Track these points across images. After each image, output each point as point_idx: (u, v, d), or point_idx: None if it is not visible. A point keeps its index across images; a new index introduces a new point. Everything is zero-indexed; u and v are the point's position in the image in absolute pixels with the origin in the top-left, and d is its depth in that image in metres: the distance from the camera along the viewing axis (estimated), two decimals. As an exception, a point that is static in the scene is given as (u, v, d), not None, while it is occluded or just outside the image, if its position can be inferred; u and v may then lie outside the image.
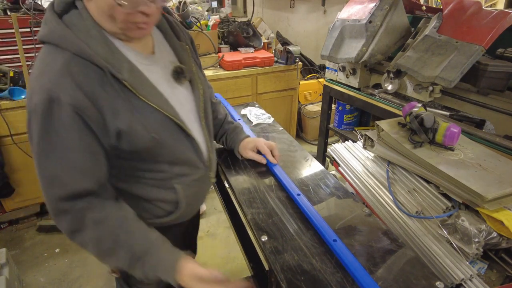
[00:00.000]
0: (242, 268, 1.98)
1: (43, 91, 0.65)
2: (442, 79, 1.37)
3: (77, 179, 0.71)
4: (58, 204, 0.72)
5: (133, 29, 0.72)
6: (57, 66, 0.67)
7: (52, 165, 0.70)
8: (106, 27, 0.72)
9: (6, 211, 2.26)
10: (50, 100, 0.65)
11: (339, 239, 0.81)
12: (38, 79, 0.67)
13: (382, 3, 1.66)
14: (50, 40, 0.70)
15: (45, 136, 0.67)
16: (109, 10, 0.68)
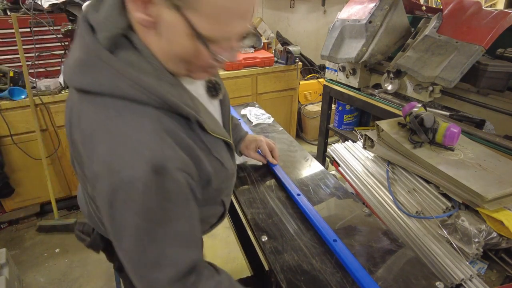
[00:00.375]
0: (242, 268, 1.98)
1: (142, 160, 0.50)
2: (442, 79, 1.37)
3: (188, 253, 0.58)
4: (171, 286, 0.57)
5: (203, 73, 0.62)
6: (147, 126, 0.52)
7: (160, 246, 0.55)
8: (169, 67, 0.58)
9: (6, 211, 2.26)
10: (155, 171, 0.50)
11: (339, 239, 0.81)
12: (123, 145, 0.51)
13: (382, 3, 1.66)
14: (117, 92, 0.52)
15: (150, 215, 0.52)
16: (187, 56, 0.56)
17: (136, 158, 0.50)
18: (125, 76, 0.52)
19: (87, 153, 0.54)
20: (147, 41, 0.56)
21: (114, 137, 0.51)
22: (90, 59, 0.53)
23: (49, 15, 2.05)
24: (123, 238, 0.54)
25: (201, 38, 0.52)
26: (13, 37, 1.92)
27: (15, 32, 1.89)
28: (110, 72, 0.52)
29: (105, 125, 0.52)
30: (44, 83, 2.04)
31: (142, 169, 0.50)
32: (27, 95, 1.98)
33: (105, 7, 0.55)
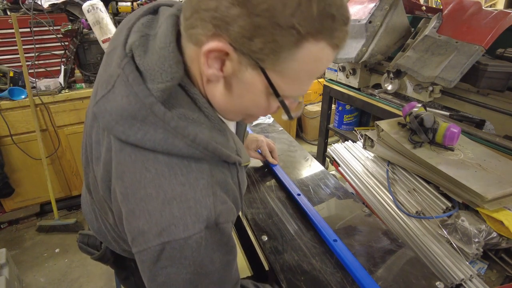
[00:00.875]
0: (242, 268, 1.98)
1: (196, 220, 0.48)
2: (442, 79, 1.37)
3: None
4: None
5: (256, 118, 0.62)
6: (202, 184, 0.50)
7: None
8: (228, 117, 0.58)
9: (6, 211, 2.26)
10: (208, 228, 0.49)
11: (339, 239, 0.81)
12: (175, 203, 0.48)
13: (382, 3, 1.66)
14: (172, 151, 0.49)
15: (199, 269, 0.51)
16: (255, 110, 0.55)
17: (192, 219, 0.48)
18: (182, 134, 0.48)
19: (130, 207, 0.51)
20: (207, 92, 0.53)
21: (167, 195, 0.48)
22: (140, 112, 0.47)
23: (49, 15, 2.05)
24: None
25: (279, 98, 0.50)
26: (13, 37, 1.93)
27: (15, 32, 1.89)
28: (165, 129, 0.47)
29: (156, 182, 0.48)
30: (44, 83, 2.04)
31: (198, 228, 0.48)
32: (27, 95, 1.98)
33: (158, 50, 0.49)
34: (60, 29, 2.06)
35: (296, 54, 0.45)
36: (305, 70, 0.49)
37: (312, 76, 0.51)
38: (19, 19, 1.95)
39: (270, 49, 0.44)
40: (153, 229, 0.48)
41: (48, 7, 2.09)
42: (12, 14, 1.90)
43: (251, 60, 0.46)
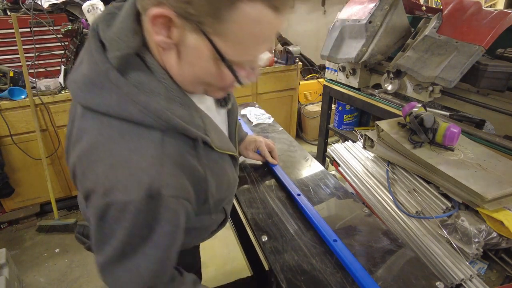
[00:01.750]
0: (242, 268, 1.98)
1: (138, 186, 0.50)
2: (442, 79, 1.37)
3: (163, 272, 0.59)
4: None
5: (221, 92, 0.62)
6: (150, 151, 0.52)
7: (137, 262, 0.55)
8: (186, 88, 0.58)
9: (6, 211, 2.26)
10: (150, 197, 0.50)
11: (339, 239, 0.81)
12: (121, 167, 0.51)
13: (382, 3, 1.66)
14: (124, 116, 0.51)
15: (136, 233, 0.53)
16: (210, 79, 0.56)
17: (133, 183, 0.50)
18: (134, 100, 0.51)
19: (82, 168, 0.54)
20: (164, 62, 0.55)
21: (114, 159, 0.51)
22: (98, 78, 0.52)
23: (49, 15, 2.05)
24: (105, 248, 0.54)
25: (226, 62, 0.51)
26: (13, 37, 1.93)
27: (15, 32, 1.89)
28: (119, 94, 0.51)
29: (107, 146, 0.51)
30: (44, 83, 2.04)
31: (137, 194, 0.50)
32: (27, 95, 1.98)
33: (118, 23, 0.53)
34: (60, 29, 2.06)
35: (233, 16, 0.46)
36: (247, 33, 0.49)
37: (257, 40, 0.51)
38: (19, 19, 1.95)
39: (207, 12, 0.46)
40: (100, 189, 0.51)
41: (48, 7, 2.09)
42: (12, 14, 1.90)
43: (193, 24, 0.48)
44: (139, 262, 0.54)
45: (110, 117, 0.52)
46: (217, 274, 1.96)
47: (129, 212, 0.50)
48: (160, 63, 0.55)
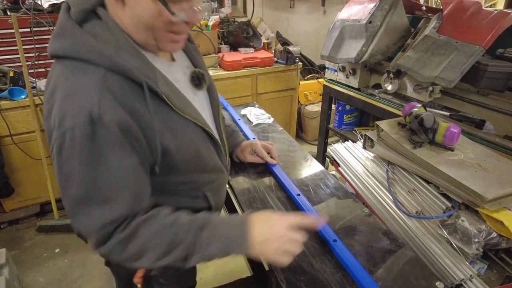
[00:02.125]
0: (242, 268, 1.98)
1: (81, 112, 0.58)
2: (442, 79, 1.37)
3: (129, 201, 0.64)
4: (103, 229, 0.63)
5: (168, 41, 0.67)
6: (92, 83, 0.59)
7: (98, 189, 0.62)
8: (138, 38, 0.66)
9: (6, 211, 2.26)
10: (92, 121, 0.58)
11: (339, 239, 0.81)
12: (69, 100, 0.59)
13: (382, 3, 1.66)
14: (76, 55, 0.61)
15: (90, 161, 0.60)
16: (150, 19, 0.62)
17: (77, 110, 0.58)
18: (85, 42, 0.61)
19: (48, 109, 0.62)
20: (116, 15, 0.65)
21: (65, 93, 0.60)
22: (60, 29, 0.63)
23: (49, 15, 2.05)
24: (68, 186, 0.61)
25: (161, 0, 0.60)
26: (13, 37, 1.92)
27: (15, 32, 1.89)
28: (73, 39, 0.61)
29: (62, 83, 0.61)
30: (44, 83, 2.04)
31: (81, 119, 0.58)
32: (27, 95, 1.98)
33: None
34: (60, 29, 2.05)
35: None
36: None
37: None
38: (19, 19, 1.95)
39: None
40: (56, 123, 0.60)
41: (48, 7, 2.09)
42: (12, 14, 1.90)
43: None
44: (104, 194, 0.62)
45: (67, 58, 0.62)
46: (217, 274, 1.96)
47: (77, 138, 0.58)
48: (115, 18, 0.65)
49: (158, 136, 0.66)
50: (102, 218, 0.63)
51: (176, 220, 0.69)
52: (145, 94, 0.64)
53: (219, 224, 0.70)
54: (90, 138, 0.59)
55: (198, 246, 0.67)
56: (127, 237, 0.65)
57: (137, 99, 0.63)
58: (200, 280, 1.90)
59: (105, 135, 0.59)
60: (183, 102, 0.72)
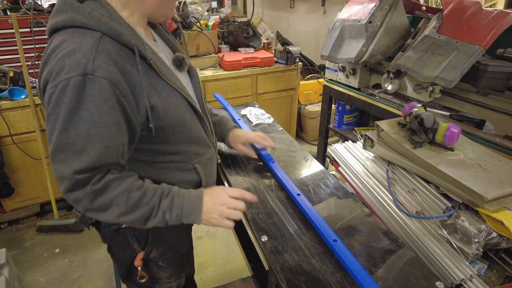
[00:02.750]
0: (242, 268, 1.98)
1: (77, 66, 0.65)
2: (442, 79, 1.37)
3: (102, 153, 0.71)
4: (74, 176, 0.70)
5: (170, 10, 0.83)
6: (89, 43, 0.68)
7: (77, 138, 0.68)
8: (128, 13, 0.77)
9: (6, 211, 2.26)
10: (85, 75, 0.65)
11: (339, 239, 0.81)
12: (67, 56, 0.66)
13: (382, 3, 1.66)
14: (75, 23, 0.69)
15: (75, 110, 0.67)
16: None
17: (74, 65, 0.66)
18: (83, 12, 0.70)
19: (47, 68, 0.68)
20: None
21: (63, 52, 0.67)
22: (59, 7, 0.72)
23: (49, 15, 2.04)
24: (53, 133, 0.68)
25: None
26: (13, 37, 1.92)
27: (15, 32, 1.89)
28: (72, 11, 0.70)
29: (62, 45, 0.68)
30: (44, 83, 2.04)
31: (76, 72, 0.65)
32: (27, 95, 1.98)
33: None
34: (60, 29, 2.05)
35: None
36: None
37: None
38: (19, 19, 1.95)
39: None
40: (51, 76, 0.67)
41: (48, 7, 2.08)
42: (12, 14, 1.90)
43: None
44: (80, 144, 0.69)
45: (66, 27, 0.70)
46: (217, 274, 1.96)
47: (68, 88, 0.65)
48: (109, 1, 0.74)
49: (146, 94, 0.73)
50: (75, 166, 0.69)
51: (144, 185, 0.78)
52: (135, 57, 0.73)
53: (180, 195, 0.81)
54: (80, 89, 0.66)
55: (159, 211, 0.78)
56: (97, 190, 0.72)
57: (128, 61, 0.72)
58: (200, 280, 1.90)
59: (93, 88, 0.67)
60: (169, 72, 0.81)
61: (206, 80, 2.52)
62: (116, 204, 0.75)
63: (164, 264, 1.00)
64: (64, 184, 0.71)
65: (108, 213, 0.75)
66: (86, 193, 0.72)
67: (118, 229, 0.91)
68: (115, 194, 0.74)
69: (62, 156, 0.69)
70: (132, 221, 0.77)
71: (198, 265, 2.01)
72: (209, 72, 2.56)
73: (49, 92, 0.67)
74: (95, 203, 0.73)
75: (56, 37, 0.71)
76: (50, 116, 0.68)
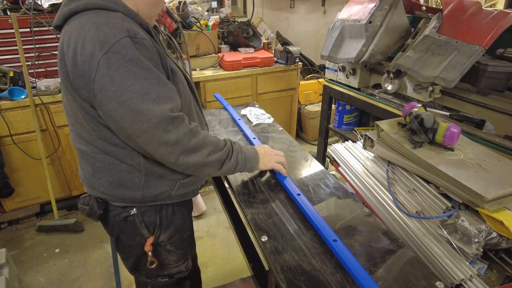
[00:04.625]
0: (242, 268, 1.98)
1: (121, 30, 0.72)
2: (442, 79, 1.37)
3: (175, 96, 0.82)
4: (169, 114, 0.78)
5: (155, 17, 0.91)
6: (118, 17, 0.75)
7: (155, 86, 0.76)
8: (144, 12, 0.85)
9: (6, 211, 2.26)
10: (130, 36, 0.73)
11: (339, 239, 0.81)
12: (105, 27, 0.72)
13: (382, 3, 1.66)
14: (96, 6, 0.75)
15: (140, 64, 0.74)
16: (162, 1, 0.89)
17: (117, 30, 0.72)
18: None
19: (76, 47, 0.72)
20: None
21: (97, 23, 0.72)
22: None
23: (49, 15, 2.05)
24: (125, 91, 0.73)
25: None
26: (13, 37, 1.93)
27: (15, 32, 1.89)
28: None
29: (88, 22, 0.73)
30: (44, 83, 2.04)
31: (123, 34, 0.72)
32: (27, 95, 1.98)
33: None
34: (60, 29, 2.05)
35: None
36: None
37: None
38: (19, 19, 1.95)
39: None
40: (97, 48, 0.71)
41: (48, 7, 2.08)
42: (12, 14, 1.90)
43: None
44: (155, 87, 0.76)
45: (85, 10, 0.75)
46: (217, 274, 1.96)
47: (123, 47, 0.71)
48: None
49: (163, 59, 0.83)
50: (168, 106, 0.78)
51: None
52: (151, 33, 0.84)
53: (241, 146, 0.99)
54: (136, 48, 0.73)
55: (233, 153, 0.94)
56: (192, 130, 0.83)
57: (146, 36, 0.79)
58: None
59: (143, 48, 0.75)
60: (169, 56, 0.91)
61: (206, 80, 2.52)
62: (206, 144, 0.86)
63: (172, 247, 1.04)
64: (166, 123, 0.77)
65: (200, 153, 0.85)
66: (185, 132, 0.81)
67: (127, 216, 0.95)
68: (203, 135, 0.86)
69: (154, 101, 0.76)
70: (215, 161, 0.88)
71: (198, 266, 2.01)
72: (209, 72, 2.56)
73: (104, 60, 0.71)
74: (192, 142, 0.82)
75: (76, 20, 0.75)
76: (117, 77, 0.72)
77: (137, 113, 0.75)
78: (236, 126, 1.46)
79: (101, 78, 0.72)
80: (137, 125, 0.76)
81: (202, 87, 2.53)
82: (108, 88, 0.72)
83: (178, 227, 1.03)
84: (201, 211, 2.42)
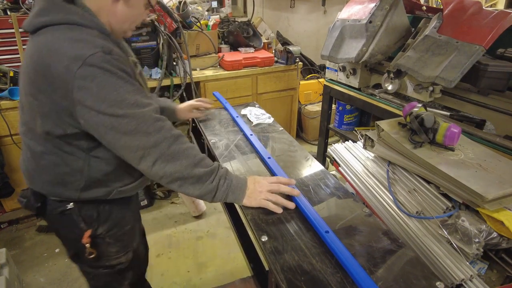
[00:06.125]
0: (242, 268, 1.98)
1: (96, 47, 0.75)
2: (442, 79, 1.37)
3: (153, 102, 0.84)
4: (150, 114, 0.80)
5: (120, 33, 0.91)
6: (93, 35, 0.78)
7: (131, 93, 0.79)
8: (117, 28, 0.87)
9: (6, 211, 2.26)
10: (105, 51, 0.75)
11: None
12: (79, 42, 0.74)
13: (382, 3, 1.66)
14: (70, 21, 0.77)
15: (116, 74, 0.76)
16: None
17: (93, 44, 0.75)
18: (76, 12, 0.78)
19: (50, 61, 0.74)
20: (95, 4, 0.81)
21: (73, 38, 0.75)
22: (51, 6, 0.78)
23: (49, 15, 2.05)
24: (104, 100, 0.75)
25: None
26: (13, 37, 1.93)
27: (15, 32, 1.89)
28: (65, 11, 0.77)
29: (63, 36, 0.75)
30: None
31: (98, 49, 0.74)
32: (27, 95, 1.97)
33: None
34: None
35: None
36: None
37: None
38: (19, 19, 1.95)
39: None
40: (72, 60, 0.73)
41: (48, 7, 2.08)
42: (12, 14, 1.90)
43: None
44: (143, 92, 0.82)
45: (57, 24, 0.76)
46: (217, 274, 1.96)
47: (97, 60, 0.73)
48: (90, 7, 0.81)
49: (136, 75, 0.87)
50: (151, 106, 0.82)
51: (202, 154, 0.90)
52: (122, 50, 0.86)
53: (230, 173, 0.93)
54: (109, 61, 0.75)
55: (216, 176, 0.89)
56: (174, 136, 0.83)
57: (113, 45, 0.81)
58: (200, 280, 1.90)
59: (117, 61, 0.77)
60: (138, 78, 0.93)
61: (206, 80, 2.52)
62: (186, 156, 0.84)
63: (111, 240, 1.05)
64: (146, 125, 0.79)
65: (178, 163, 0.83)
66: (165, 136, 0.81)
67: (64, 211, 0.96)
68: (186, 146, 0.85)
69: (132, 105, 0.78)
70: (193, 176, 0.85)
71: (198, 265, 2.01)
72: (209, 72, 2.56)
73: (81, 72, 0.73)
74: (171, 148, 0.82)
75: (50, 32, 0.76)
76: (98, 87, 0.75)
77: (117, 118, 0.77)
78: (236, 126, 1.46)
79: (79, 90, 0.74)
80: (117, 129, 0.78)
81: (202, 87, 2.53)
82: (86, 98, 0.75)
83: (117, 221, 1.04)
84: (201, 211, 2.42)
